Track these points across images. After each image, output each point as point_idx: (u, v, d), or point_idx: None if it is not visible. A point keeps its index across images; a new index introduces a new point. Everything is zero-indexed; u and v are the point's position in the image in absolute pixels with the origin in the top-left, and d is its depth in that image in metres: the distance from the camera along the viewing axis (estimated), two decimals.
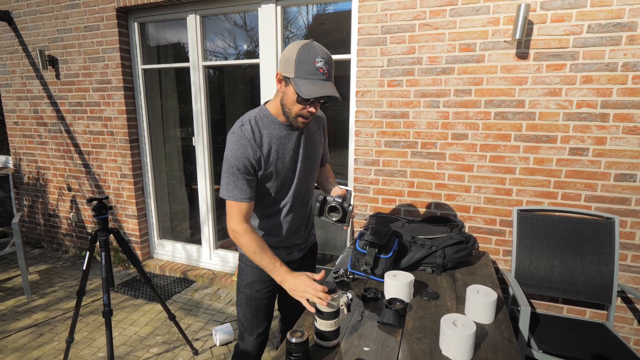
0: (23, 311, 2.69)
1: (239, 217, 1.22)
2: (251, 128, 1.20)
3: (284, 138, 1.25)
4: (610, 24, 1.83)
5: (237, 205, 1.21)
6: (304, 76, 1.07)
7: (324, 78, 1.08)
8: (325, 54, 1.09)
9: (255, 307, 1.42)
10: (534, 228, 2.05)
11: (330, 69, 1.10)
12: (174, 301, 2.84)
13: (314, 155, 1.36)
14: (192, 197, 3.53)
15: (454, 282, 1.65)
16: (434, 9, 2.11)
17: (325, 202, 1.28)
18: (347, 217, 1.26)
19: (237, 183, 1.20)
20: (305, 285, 1.12)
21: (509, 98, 2.06)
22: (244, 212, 1.22)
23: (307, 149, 1.32)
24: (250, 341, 1.45)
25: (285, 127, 1.25)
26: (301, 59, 1.07)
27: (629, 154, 1.91)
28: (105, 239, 1.90)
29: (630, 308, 2.03)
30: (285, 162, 1.27)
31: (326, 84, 1.08)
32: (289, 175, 1.30)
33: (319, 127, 1.40)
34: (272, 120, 1.23)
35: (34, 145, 3.64)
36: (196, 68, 2.95)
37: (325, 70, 1.07)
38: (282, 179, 1.29)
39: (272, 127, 1.23)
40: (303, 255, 1.51)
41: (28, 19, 3.33)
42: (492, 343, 1.17)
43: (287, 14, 2.70)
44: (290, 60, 1.08)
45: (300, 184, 1.33)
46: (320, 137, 1.40)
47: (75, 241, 3.71)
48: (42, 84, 3.42)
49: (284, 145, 1.25)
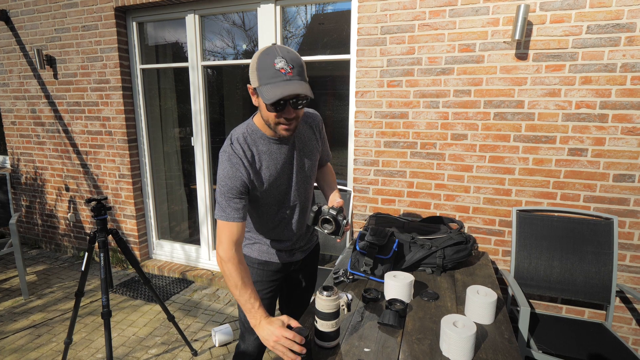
0: (21, 312, 2.67)
1: (229, 243, 1.16)
2: (240, 146, 1.17)
3: (275, 153, 1.21)
4: (609, 25, 1.84)
5: (229, 227, 1.16)
6: (266, 82, 1.01)
7: (287, 78, 1.01)
8: (287, 53, 1.02)
9: None
10: (533, 228, 2.05)
11: (294, 67, 1.02)
12: (173, 302, 2.83)
13: (309, 164, 1.32)
14: (190, 197, 3.52)
15: (454, 282, 1.65)
16: (434, 9, 2.11)
17: (320, 212, 1.25)
18: (340, 231, 1.24)
19: (230, 203, 1.16)
20: (277, 337, 1.02)
21: (508, 98, 2.06)
22: (235, 236, 1.17)
23: (301, 160, 1.28)
24: (251, 341, 1.44)
25: (274, 141, 1.20)
26: (261, 66, 1.02)
27: (627, 154, 1.91)
28: (104, 240, 1.89)
29: (628, 308, 2.04)
30: (278, 177, 1.24)
31: (290, 83, 1.00)
32: (283, 188, 1.27)
33: (313, 131, 1.34)
34: (260, 135, 1.19)
35: (31, 145, 3.62)
36: (195, 68, 2.95)
37: (287, 69, 1.00)
38: (278, 193, 1.27)
39: (261, 143, 1.19)
40: (305, 256, 1.50)
41: (25, 18, 3.31)
42: (492, 344, 1.17)
43: (286, 13, 2.69)
44: (253, 70, 1.04)
45: (297, 195, 1.31)
46: (315, 142, 1.34)
47: (73, 241, 3.70)
48: (39, 84, 3.40)
49: (275, 161, 1.21)
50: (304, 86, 1.02)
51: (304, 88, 1.01)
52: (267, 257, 1.39)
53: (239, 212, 1.17)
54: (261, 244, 1.39)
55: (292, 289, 1.57)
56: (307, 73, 1.10)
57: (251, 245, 1.41)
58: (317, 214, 1.26)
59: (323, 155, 1.48)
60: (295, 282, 1.55)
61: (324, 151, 1.48)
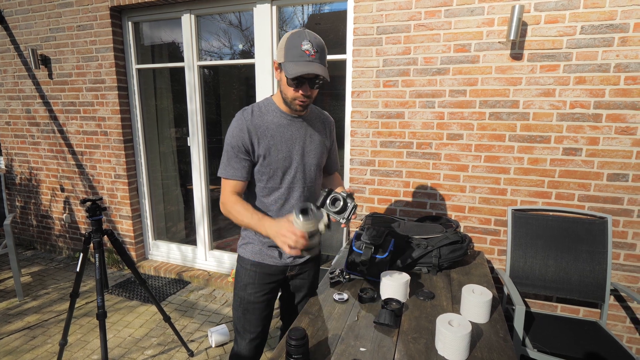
0: (15, 314, 2.66)
1: (230, 193, 1.28)
2: (252, 112, 1.28)
3: (282, 126, 1.29)
4: (602, 26, 1.85)
5: (230, 183, 1.28)
6: (291, 59, 1.14)
7: (310, 59, 1.13)
8: (314, 39, 1.15)
9: (248, 311, 1.40)
10: (528, 227, 2.06)
11: (318, 52, 1.15)
12: (169, 302, 2.82)
13: (313, 150, 1.35)
14: (187, 198, 3.51)
15: (450, 281, 1.66)
16: (429, 9, 2.12)
17: (330, 193, 1.25)
18: (348, 213, 1.24)
19: (231, 161, 1.27)
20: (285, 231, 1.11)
21: (503, 98, 2.07)
22: (236, 190, 1.28)
23: (306, 142, 1.33)
24: (243, 345, 1.44)
25: (286, 116, 1.29)
26: (289, 44, 1.14)
27: (621, 154, 1.93)
28: (99, 241, 1.88)
29: (622, 306, 2.06)
30: (281, 149, 1.28)
31: (312, 64, 1.13)
32: (283, 163, 1.30)
33: (324, 127, 1.42)
34: (274, 108, 1.30)
35: (26, 145, 3.60)
36: (191, 68, 2.94)
37: (311, 52, 1.13)
38: (277, 167, 1.29)
39: (274, 115, 1.29)
40: (304, 264, 1.46)
41: (20, 17, 3.29)
42: (488, 342, 1.17)
43: (283, 13, 2.69)
44: (282, 47, 1.17)
45: (296, 175, 1.32)
46: (324, 137, 1.40)
47: (68, 242, 3.68)
48: (34, 84, 3.38)
49: (281, 133, 1.28)
50: (323, 69, 1.15)
51: (323, 70, 1.15)
52: (260, 259, 1.38)
53: (239, 171, 1.27)
54: (254, 244, 1.38)
55: (292, 298, 1.55)
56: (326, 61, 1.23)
57: (245, 246, 1.41)
58: (328, 194, 1.25)
59: (331, 160, 1.52)
60: (293, 291, 1.53)
61: (332, 157, 1.53)
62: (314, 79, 1.18)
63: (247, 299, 1.39)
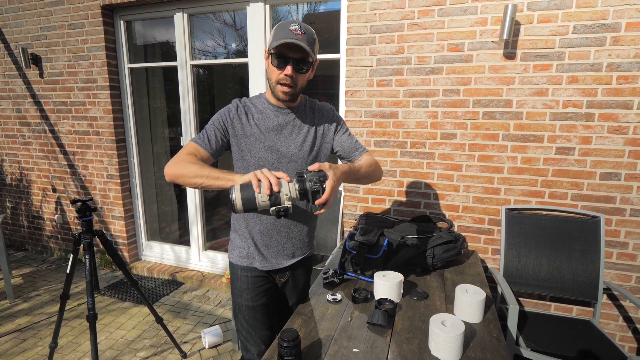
0: (6, 316, 2.62)
1: (189, 152, 1.18)
2: (241, 101, 1.30)
3: (269, 116, 1.28)
4: (595, 25, 1.86)
5: (191, 145, 1.21)
6: (278, 39, 1.12)
7: (296, 38, 1.11)
8: (304, 25, 1.15)
9: (250, 316, 1.37)
10: (522, 227, 2.07)
11: (306, 34, 1.13)
12: (163, 303, 2.79)
13: (301, 141, 1.29)
14: (180, 198, 3.48)
15: (443, 281, 1.66)
16: (423, 8, 2.12)
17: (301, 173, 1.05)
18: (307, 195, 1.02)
19: (207, 132, 1.24)
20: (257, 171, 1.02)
21: (496, 98, 2.07)
22: (192, 152, 1.19)
23: (288, 135, 1.28)
24: (254, 352, 1.40)
25: (273, 108, 1.29)
26: (278, 28, 1.16)
27: (613, 153, 1.93)
28: (90, 242, 1.86)
29: (615, 305, 2.06)
30: (264, 137, 1.25)
31: (297, 40, 1.10)
32: (265, 152, 1.25)
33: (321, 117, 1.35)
34: (263, 99, 1.30)
35: (17, 145, 3.55)
36: (184, 67, 2.91)
37: (298, 32, 1.12)
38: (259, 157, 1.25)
39: (261, 104, 1.30)
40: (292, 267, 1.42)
41: (10, 16, 3.24)
42: (481, 342, 1.17)
43: (277, 13, 2.68)
44: (271, 34, 1.18)
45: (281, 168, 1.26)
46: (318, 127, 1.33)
47: (60, 243, 3.63)
48: (25, 83, 3.33)
49: (265, 122, 1.27)
50: (308, 47, 1.11)
51: (307, 47, 1.11)
52: (248, 262, 1.36)
53: (209, 142, 1.22)
54: (241, 249, 1.36)
55: (283, 305, 1.52)
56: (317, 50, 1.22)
57: (232, 251, 1.39)
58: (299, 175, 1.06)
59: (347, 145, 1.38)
60: (284, 297, 1.50)
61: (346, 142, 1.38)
62: (299, 62, 1.15)
63: (245, 304, 1.37)
